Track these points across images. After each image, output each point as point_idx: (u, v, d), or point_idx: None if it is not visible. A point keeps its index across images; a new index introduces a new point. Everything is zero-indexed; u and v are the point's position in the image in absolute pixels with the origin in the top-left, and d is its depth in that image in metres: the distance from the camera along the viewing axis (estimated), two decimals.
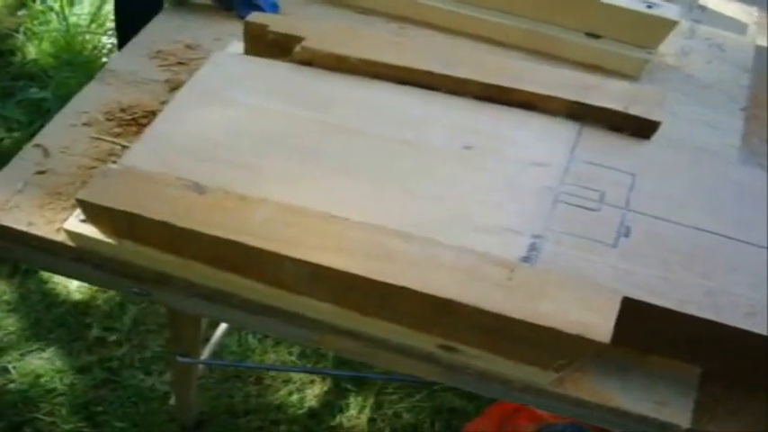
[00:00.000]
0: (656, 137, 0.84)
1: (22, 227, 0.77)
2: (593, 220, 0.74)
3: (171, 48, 0.99)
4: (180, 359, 1.15)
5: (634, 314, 0.67)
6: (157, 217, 0.68)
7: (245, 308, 0.76)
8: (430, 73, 0.86)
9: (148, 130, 0.78)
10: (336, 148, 0.79)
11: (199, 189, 0.71)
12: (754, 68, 1.12)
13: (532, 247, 0.71)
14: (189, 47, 0.99)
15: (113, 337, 1.58)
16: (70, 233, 0.76)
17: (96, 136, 0.86)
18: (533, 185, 0.77)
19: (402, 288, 0.65)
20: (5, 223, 0.77)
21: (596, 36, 1.07)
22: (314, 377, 1.53)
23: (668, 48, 1.09)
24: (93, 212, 0.72)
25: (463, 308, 0.65)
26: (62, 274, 0.84)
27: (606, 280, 0.69)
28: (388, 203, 0.74)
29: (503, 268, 0.68)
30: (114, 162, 0.82)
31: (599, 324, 0.64)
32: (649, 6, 1.04)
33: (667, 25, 1.04)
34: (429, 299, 0.65)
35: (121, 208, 0.69)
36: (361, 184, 0.75)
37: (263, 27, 0.89)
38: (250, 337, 1.58)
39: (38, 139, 0.86)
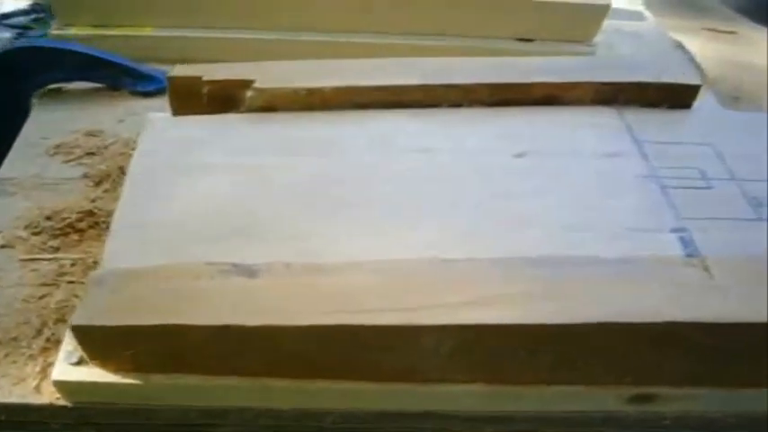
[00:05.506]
0: None
1: None
2: (717, 199, 0.60)
3: (70, 139, 0.76)
4: None
5: None
6: (211, 322, 0.46)
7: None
8: (427, 87, 0.67)
9: (118, 223, 0.55)
10: (378, 190, 0.59)
11: (246, 271, 0.48)
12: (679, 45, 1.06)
13: (685, 243, 0.55)
14: (91, 134, 0.77)
15: None
16: (64, 385, 0.51)
17: (27, 257, 0.62)
18: (626, 178, 0.61)
19: (610, 326, 0.45)
20: None
21: (529, 40, 0.94)
22: None
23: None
24: (102, 343, 0.48)
25: (688, 330, 0.46)
26: None
27: None
28: (480, 237, 0.55)
29: (693, 268, 0.50)
30: (72, 282, 0.59)
31: None
32: None
33: (601, 11, 0.94)
34: (642, 331, 0.46)
35: (152, 323, 0.46)
36: (432, 217, 0.56)
37: (194, 80, 0.66)
38: None
39: None
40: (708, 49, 1.15)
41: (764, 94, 1.05)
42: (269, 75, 0.67)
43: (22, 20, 1.23)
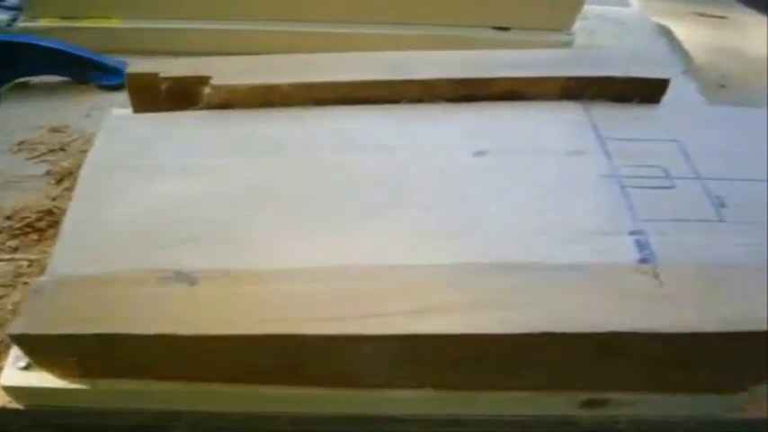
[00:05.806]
0: None
1: None
2: (678, 199, 0.59)
3: (34, 136, 0.76)
4: None
5: None
6: (148, 331, 0.45)
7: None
8: (388, 83, 0.66)
9: (66, 227, 0.54)
10: (333, 191, 0.58)
11: (186, 278, 0.48)
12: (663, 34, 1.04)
13: (641, 246, 0.53)
14: (55, 130, 0.77)
15: None
16: (13, 390, 0.51)
17: None
18: (587, 177, 0.60)
19: (555, 336, 0.45)
20: None
21: (505, 28, 0.93)
22: None
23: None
24: (43, 350, 0.48)
25: (634, 339, 0.45)
26: None
27: (748, 261, 0.52)
28: (433, 240, 0.53)
29: (643, 275, 0.49)
30: (27, 283, 0.59)
31: None
32: None
33: None
34: (586, 340, 0.45)
35: (90, 331, 0.46)
36: (383, 222, 0.55)
37: (152, 76, 0.65)
38: None
39: None
40: (695, 34, 1.13)
41: (753, 81, 1.03)
42: (227, 70, 0.66)
43: (16, 1, 1.21)
